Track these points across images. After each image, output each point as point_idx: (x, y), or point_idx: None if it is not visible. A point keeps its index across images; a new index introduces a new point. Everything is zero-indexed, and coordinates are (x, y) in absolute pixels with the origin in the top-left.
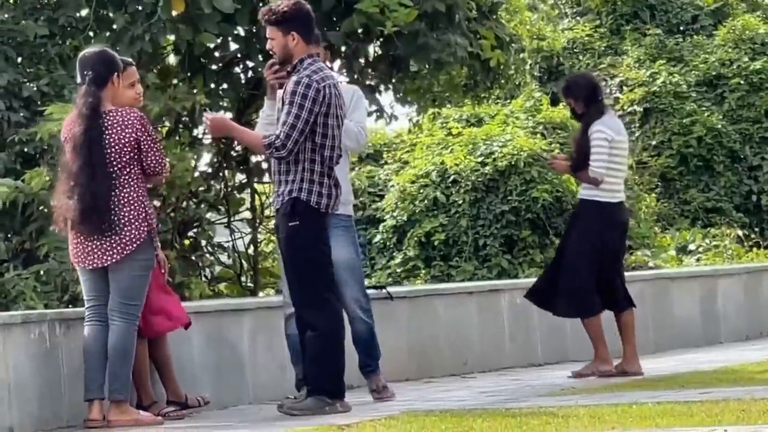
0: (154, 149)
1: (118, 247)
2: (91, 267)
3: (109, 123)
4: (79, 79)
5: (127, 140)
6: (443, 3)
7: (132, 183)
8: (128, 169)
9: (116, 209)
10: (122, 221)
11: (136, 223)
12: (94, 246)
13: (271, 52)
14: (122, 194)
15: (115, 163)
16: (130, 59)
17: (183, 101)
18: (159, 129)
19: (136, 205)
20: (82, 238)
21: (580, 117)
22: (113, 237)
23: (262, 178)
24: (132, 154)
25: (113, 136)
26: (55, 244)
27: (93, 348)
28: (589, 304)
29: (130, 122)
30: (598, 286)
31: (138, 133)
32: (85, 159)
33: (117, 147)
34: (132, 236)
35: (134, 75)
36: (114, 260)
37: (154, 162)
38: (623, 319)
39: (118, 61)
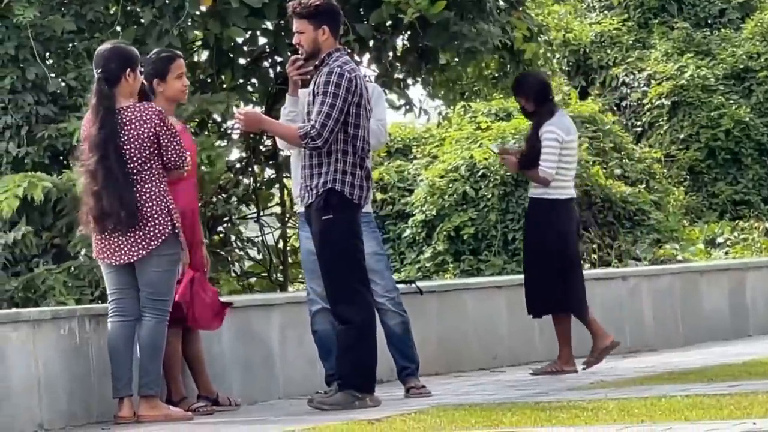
0: (174, 143)
1: (143, 243)
2: (116, 263)
3: (127, 119)
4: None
5: (146, 135)
6: None
7: (153, 178)
8: (149, 165)
9: (138, 205)
10: (146, 217)
11: (160, 218)
12: (118, 242)
13: (297, 46)
14: (144, 190)
15: (135, 158)
16: (179, 51)
17: (218, 103)
18: (189, 125)
19: (158, 200)
20: (105, 234)
21: (530, 115)
22: (137, 233)
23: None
24: (152, 149)
25: (132, 131)
26: (87, 240)
27: (117, 345)
28: (558, 302)
29: (148, 117)
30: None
31: (157, 128)
32: (102, 157)
33: (137, 143)
34: (156, 231)
35: (182, 67)
36: (139, 256)
37: (174, 156)
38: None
39: (132, 56)
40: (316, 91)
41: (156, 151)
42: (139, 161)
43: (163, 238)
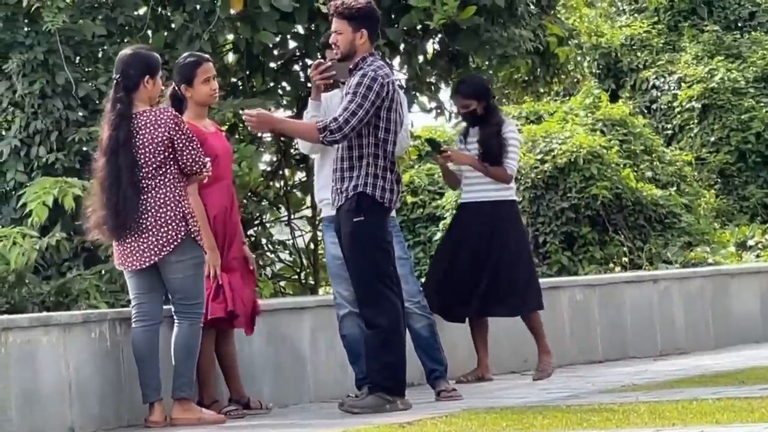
0: (189, 148)
1: (155, 249)
2: (131, 269)
3: (142, 123)
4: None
5: (160, 140)
6: None
7: (168, 183)
8: (163, 170)
9: (152, 210)
10: (159, 222)
11: (173, 224)
12: (131, 248)
13: (333, 45)
14: (158, 195)
15: (149, 163)
16: (207, 55)
17: (254, 108)
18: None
19: (172, 205)
20: (121, 240)
21: (479, 118)
22: (149, 239)
23: None
24: (166, 154)
25: (146, 136)
26: None
27: (141, 350)
28: (539, 298)
29: (162, 121)
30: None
31: (171, 132)
32: (112, 163)
33: (150, 147)
34: (169, 237)
35: (210, 71)
36: (151, 261)
37: (190, 161)
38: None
39: (152, 62)
40: (347, 92)
41: (171, 156)
42: (153, 166)
43: (176, 243)
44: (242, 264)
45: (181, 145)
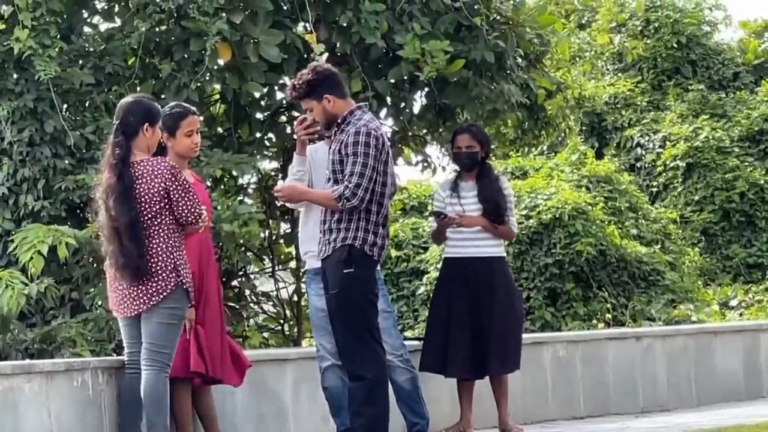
0: (185, 199)
1: (145, 297)
2: (123, 315)
3: (139, 173)
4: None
5: (156, 190)
6: (492, 52)
7: (162, 234)
8: (159, 220)
9: (145, 259)
10: (150, 272)
11: (164, 274)
12: (126, 294)
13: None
14: (152, 245)
15: (145, 213)
16: (194, 108)
17: (242, 164)
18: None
19: (164, 255)
20: (117, 285)
21: (477, 165)
22: (141, 287)
23: None
24: (162, 204)
25: (142, 186)
26: (105, 293)
27: (126, 398)
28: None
29: (159, 172)
30: None
31: (167, 183)
32: (117, 209)
33: (146, 197)
34: (159, 287)
35: (194, 124)
36: (141, 310)
37: (186, 211)
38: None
39: (152, 110)
40: (343, 151)
41: (167, 207)
42: (149, 216)
43: (165, 294)
44: (217, 317)
45: (176, 195)
